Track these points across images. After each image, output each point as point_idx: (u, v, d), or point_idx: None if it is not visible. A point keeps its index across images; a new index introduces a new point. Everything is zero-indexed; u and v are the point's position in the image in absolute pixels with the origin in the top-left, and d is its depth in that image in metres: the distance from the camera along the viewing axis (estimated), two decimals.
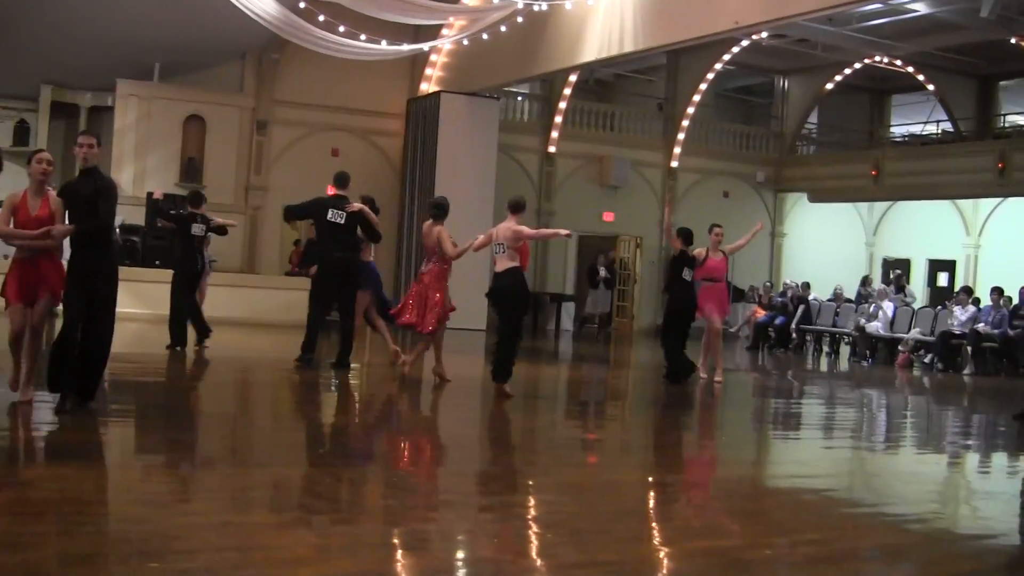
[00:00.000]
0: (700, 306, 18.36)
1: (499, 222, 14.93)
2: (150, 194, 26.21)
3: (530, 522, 7.91)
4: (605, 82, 40.38)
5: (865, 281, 32.62)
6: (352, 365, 16.68)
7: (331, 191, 16.88)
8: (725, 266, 18.81)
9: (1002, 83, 37.98)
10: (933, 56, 33.79)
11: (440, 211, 15.39)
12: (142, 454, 9.62)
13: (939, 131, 38.19)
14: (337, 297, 16.77)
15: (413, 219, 29.80)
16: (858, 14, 29.05)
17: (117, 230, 22.53)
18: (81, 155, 10.74)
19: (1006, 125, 37.84)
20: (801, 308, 29.34)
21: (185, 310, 18.21)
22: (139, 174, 28.26)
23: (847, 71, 36.90)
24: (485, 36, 25.52)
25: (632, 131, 35.88)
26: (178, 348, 17.85)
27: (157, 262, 24.14)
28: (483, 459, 10.98)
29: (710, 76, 35.69)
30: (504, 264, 14.67)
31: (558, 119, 33.66)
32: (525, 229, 14.82)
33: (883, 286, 29.50)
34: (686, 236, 18.18)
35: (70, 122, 29.86)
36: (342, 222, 16.33)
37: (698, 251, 18.35)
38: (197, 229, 18.27)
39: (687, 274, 17.99)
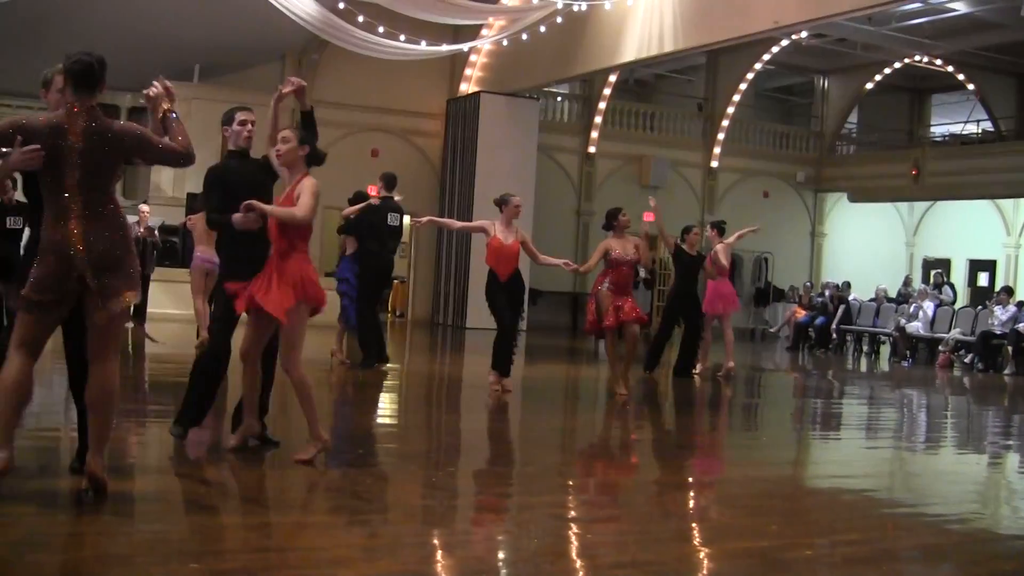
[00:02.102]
0: (724, 302, 18.99)
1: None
2: (189, 194, 26.38)
3: (570, 522, 7.91)
4: (645, 82, 40.38)
5: (907, 281, 32.57)
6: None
7: (372, 191, 16.97)
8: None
9: None
10: (973, 55, 33.66)
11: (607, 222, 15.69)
12: (180, 454, 9.65)
13: (979, 130, 38.05)
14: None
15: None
16: (897, 13, 28.97)
17: None
18: (244, 135, 9.81)
19: None
20: (841, 308, 29.27)
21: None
22: (179, 175, 28.30)
23: (887, 71, 36.84)
24: (525, 36, 25.54)
25: (672, 131, 35.89)
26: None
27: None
28: (522, 459, 10.98)
29: (750, 76, 35.68)
30: None
31: (598, 119, 33.68)
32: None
33: (924, 286, 29.42)
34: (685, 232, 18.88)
35: None
36: (398, 224, 16.62)
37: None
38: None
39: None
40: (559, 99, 34.35)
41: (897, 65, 36.08)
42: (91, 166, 7.04)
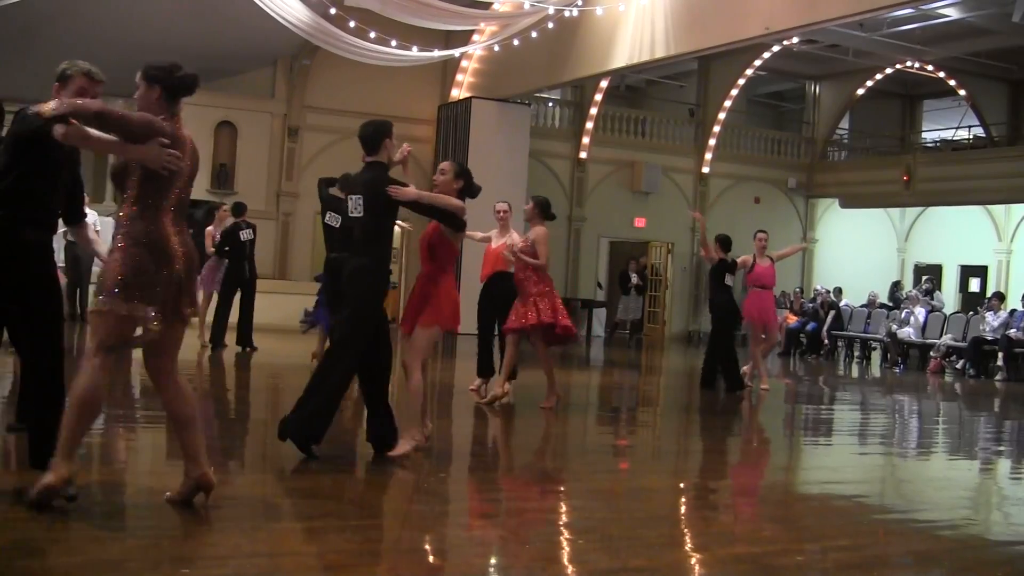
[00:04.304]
0: (748, 313, 18.56)
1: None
2: None
3: (561, 528, 7.91)
4: (636, 88, 40.36)
5: (897, 286, 32.59)
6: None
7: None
8: (773, 272, 18.81)
9: None
10: (964, 61, 33.67)
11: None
12: (173, 459, 9.65)
13: (971, 136, 38.04)
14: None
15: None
16: (889, 19, 28.98)
17: None
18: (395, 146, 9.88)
19: None
20: (832, 314, 29.30)
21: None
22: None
23: (878, 76, 36.84)
24: (516, 42, 25.53)
25: (663, 137, 35.88)
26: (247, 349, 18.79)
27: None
28: (514, 465, 10.98)
29: (741, 82, 35.68)
30: None
31: (589, 125, 33.68)
32: None
33: (915, 292, 29.43)
34: (724, 243, 18.24)
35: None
36: (336, 225, 16.12)
37: (743, 258, 18.46)
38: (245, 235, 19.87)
39: (729, 279, 18.07)
40: (550, 105, 34.35)
41: (889, 71, 36.10)
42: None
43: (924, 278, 32.37)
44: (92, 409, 7.02)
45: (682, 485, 10.21)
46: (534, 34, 24.84)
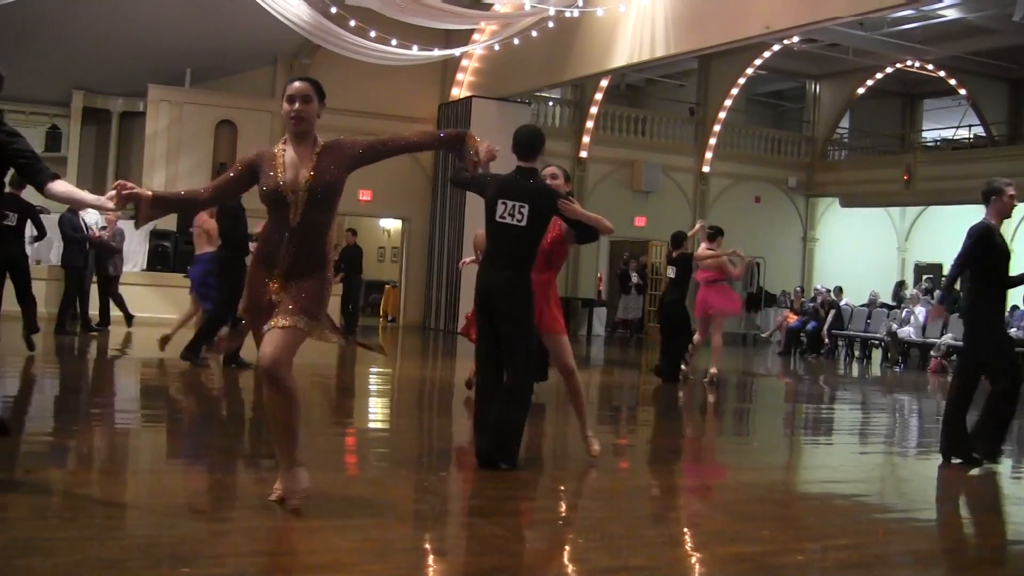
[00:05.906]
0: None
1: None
2: None
3: (561, 527, 7.91)
4: (636, 87, 40.40)
5: (901, 286, 32.63)
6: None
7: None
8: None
9: None
10: (965, 60, 33.71)
11: None
12: (173, 459, 9.65)
13: (971, 135, 38.08)
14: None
15: (445, 226, 29.79)
16: (889, 19, 29.00)
17: None
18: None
19: None
20: (832, 313, 29.29)
21: None
22: (171, 179, 28.29)
23: (879, 75, 36.90)
24: (516, 41, 25.54)
25: (664, 136, 35.91)
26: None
27: (188, 267, 24.13)
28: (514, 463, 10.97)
29: (741, 81, 35.71)
30: None
31: (589, 124, 33.70)
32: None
33: (915, 291, 29.43)
34: (674, 240, 19.01)
35: (101, 127, 29.98)
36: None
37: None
38: None
39: (670, 272, 18.94)
40: (551, 104, 34.38)
41: (889, 70, 36.16)
42: None
43: (924, 277, 32.38)
44: (274, 419, 7.55)
45: (682, 484, 10.22)
46: (534, 33, 24.85)
